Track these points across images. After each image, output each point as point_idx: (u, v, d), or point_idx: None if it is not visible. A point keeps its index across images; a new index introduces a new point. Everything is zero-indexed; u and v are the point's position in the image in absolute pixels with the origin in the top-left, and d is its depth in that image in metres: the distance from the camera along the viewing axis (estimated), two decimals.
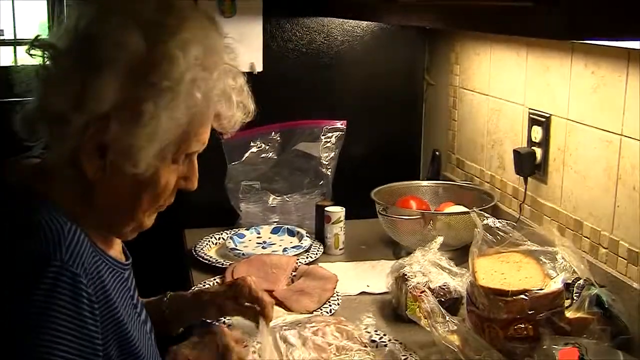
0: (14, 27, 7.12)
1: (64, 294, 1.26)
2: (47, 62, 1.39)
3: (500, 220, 1.93)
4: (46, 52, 1.39)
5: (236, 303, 1.83)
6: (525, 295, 1.78)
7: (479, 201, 2.58)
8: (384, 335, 1.95)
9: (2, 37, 7.24)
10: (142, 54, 1.34)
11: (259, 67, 2.86)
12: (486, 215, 1.95)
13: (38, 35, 1.42)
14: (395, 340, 1.92)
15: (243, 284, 1.83)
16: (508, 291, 1.81)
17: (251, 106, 1.62)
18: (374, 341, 1.92)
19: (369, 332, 1.95)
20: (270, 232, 2.78)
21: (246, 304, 1.85)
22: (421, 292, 1.98)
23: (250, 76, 2.73)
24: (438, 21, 1.94)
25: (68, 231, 1.32)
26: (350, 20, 2.89)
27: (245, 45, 2.82)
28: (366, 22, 2.91)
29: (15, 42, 7.09)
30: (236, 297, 1.83)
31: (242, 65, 2.73)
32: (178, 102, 1.35)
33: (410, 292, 2.03)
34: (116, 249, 1.55)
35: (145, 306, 1.66)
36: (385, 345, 1.90)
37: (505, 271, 1.92)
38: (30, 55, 1.41)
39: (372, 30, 2.94)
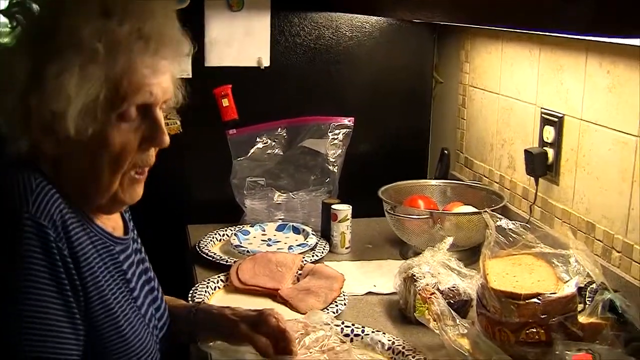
0: None
1: (31, 240, 1.32)
2: None
3: (513, 221, 1.89)
4: None
5: (252, 330, 1.72)
6: (538, 299, 1.74)
7: (488, 201, 2.54)
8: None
9: None
10: (40, 23, 1.41)
11: (266, 62, 2.82)
12: (498, 216, 1.90)
13: None
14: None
15: (271, 314, 1.73)
16: (520, 294, 1.76)
17: (184, 48, 1.53)
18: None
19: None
20: (276, 230, 2.73)
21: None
22: (431, 294, 1.94)
23: (258, 71, 2.79)
24: (451, 16, 1.90)
25: (36, 186, 1.37)
26: (360, 16, 2.84)
27: (252, 39, 2.79)
28: (375, 18, 2.86)
29: None
30: (255, 324, 1.72)
31: (249, 60, 2.77)
32: (80, 58, 1.36)
33: (419, 294, 1.98)
34: (108, 223, 1.58)
35: (172, 312, 1.73)
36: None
37: (517, 274, 1.87)
38: None
39: (381, 26, 2.89)
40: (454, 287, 2.04)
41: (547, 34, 2.22)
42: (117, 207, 1.57)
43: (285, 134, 2.81)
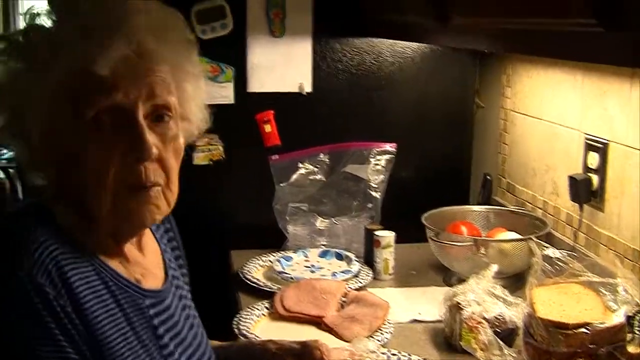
0: None
1: (32, 301, 1.22)
2: None
3: (560, 250, 1.88)
4: None
5: None
6: (587, 329, 1.73)
7: (531, 227, 2.52)
8: None
9: None
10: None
11: (308, 88, 2.84)
12: (545, 244, 1.89)
13: None
14: None
15: (315, 346, 1.70)
16: (568, 324, 1.75)
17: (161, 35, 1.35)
18: None
19: None
20: (318, 256, 2.74)
21: None
22: (477, 323, 1.93)
23: (300, 96, 2.80)
24: (495, 44, 1.90)
25: (33, 241, 1.26)
26: (401, 41, 2.85)
27: (294, 65, 2.81)
28: (417, 44, 2.87)
29: None
30: (300, 358, 1.69)
31: (292, 86, 2.79)
32: (23, 56, 1.31)
33: (465, 322, 1.97)
34: (136, 269, 1.46)
35: (214, 349, 1.63)
36: None
37: (563, 302, 1.86)
38: None
39: (423, 52, 2.90)
40: (500, 315, 2.03)
41: None
42: (129, 228, 1.43)
43: (327, 160, 2.82)
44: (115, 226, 1.38)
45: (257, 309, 2.27)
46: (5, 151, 6.04)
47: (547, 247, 1.87)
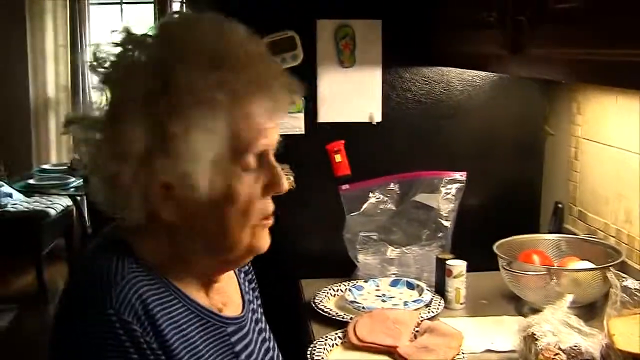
0: None
1: (121, 339, 1.27)
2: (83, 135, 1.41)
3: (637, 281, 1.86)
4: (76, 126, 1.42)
5: None
6: None
7: (604, 256, 2.50)
8: None
9: None
10: (153, 85, 1.34)
11: (378, 118, 2.86)
12: (623, 275, 1.88)
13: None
14: None
15: None
16: None
17: (292, 86, 1.45)
18: None
19: None
20: (389, 285, 2.74)
21: None
22: (555, 355, 1.91)
23: (370, 126, 2.82)
24: (571, 74, 1.89)
25: (122, 277, 1.32)
26: (470, 70, 2.85)
27: (364, 95, 2.83)
28: (485, 72, 2.87)
29: None
30: None
31: (362, 116, 2.80)
32: (203, 112, 1.33)
33: (542, 353, 1.96)
34: (218, 298, 1.53)
35: None
36: None
37: None
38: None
39: (492, 80, 2.90)
40: (576, 346, 2.01)
41: None
42: (249, 257, 1.50)
43: (397, 189, 2.83)
44: (239, 257, 1.47)
45: (331, 339, 2.28)
46: (73, 179, 6.16)
47: (625, 278, 1.86)
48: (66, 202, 6.48)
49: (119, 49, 1.40)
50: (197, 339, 1.40)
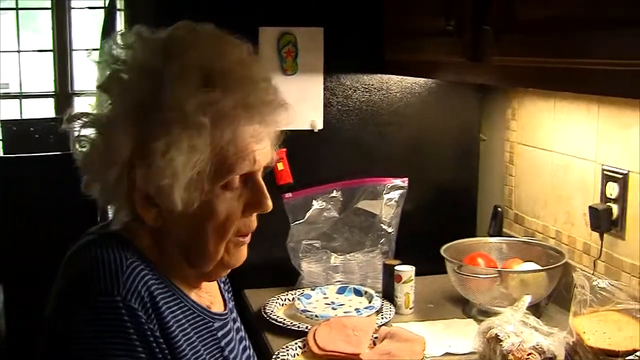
0: (20, 80, 7.14)
1: (126, 324, 1.31)
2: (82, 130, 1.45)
3: (606, 280, 1.91)
4: (79, 121, 1.45)
5: None
6: (637, 355, 1.76)
7: (545, 257, 2.56)
8: None
9: (7, 91, 7.25)
10: (140, 98, 1.38)
11: (319, 125, 2.85)
12: (591, 276, 1.93)
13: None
14: None
15: None
16: (618, 351, 1.79)
17: (284, 109, 1.51)
18: None
19: None
20: (336, 292, 2.73)
21: None
22: (528, 354, 1.94)
23: (311, 134, 2.81)
24: (539, 82, 1.93)
25: (127, 266, 1.36)
26: (409, 77, 2.89)
27: (306, 102, 2.82)
28: (424, 80, 2.91)
29: (20, 96, 7.12)
30: None
31: (303, 123, 2.79)
32: (187, 132, 1.35)
33: (513, 354, 1.99)
34: (206, 297, 1.59)
35: None
36: None
37: (606, 331, 1.90)
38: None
39: (430, 87, 2.94)
40: (537, 345, 2.05)
41: None
42: (223, 271, 1.57)
43: (340, 196, 2.83)
44: (212, 271, 1.51)
45: (291, 348, 2.26)
46: None
47: (595, 278, 1.91)
48: None
49: (129, 52, 1.44)
50: (190, 330, 1.45)
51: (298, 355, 2.26)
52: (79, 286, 1.37)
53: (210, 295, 1.61)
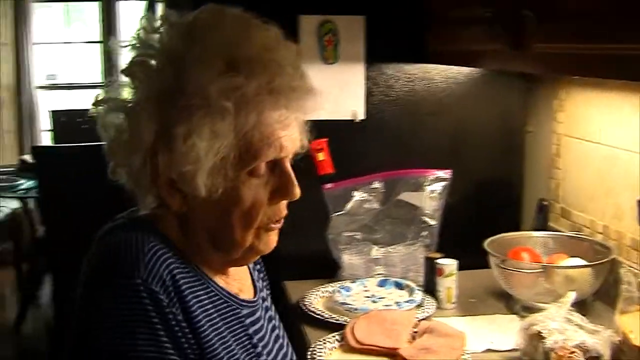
0: (69, 72, 7.22)
1: (148, 307, 1.31)
2: (106, 117, 1.45)
3: None
4: (105, 106, 1.45)
5: None
6: None
7: (592, 253, 2.49)
8: None
9: (56, 82, 7.34)
10: (164, 82, 1.37)
11: (361, 115, 2.81)
12: (638, 272, 1.86)
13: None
14: None
15: None
16: None
17: (313, 95, 1.48)
18: None
19: None
20: (377, 285, 2.69)
21: None
22: (571, 353, 1.88)
23: (353, 124, 2.77)
24: (578, 69, 1.87)
25: (149, 249, 1.36)
26: (454, 67, 2.83)
27: (347, 92, 2.78)
28: (468, 69, 2.84)
29: (69, 86, 7.20)
30: None
31: (345, 113, 2.75)
32: (209, 117, 1.34)
33: (555, 352, 1.93)
34: (234, 284, 1.57)
35: None
36: None
37: None
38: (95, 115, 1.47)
39: (474, 76, 2.87)
40: (582, 343, 1.99)
41: None
42: (252, 257, 1.55)
43: (381, 188, 2.77)
44: (241, 256, 1.50)
45: (329, 342, 2.23)
46: (22, 181, 6.00)
47: None
48: (14, 205, 6.30)
49: (155, 36, 1.43)
50: (216, 316, 1.44)
51: (335, 348, 2.22)
52: (101, 270, 1.38)
53: (238, 282, 1.60)
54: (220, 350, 1.41)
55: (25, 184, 5.92)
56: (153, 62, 1.41)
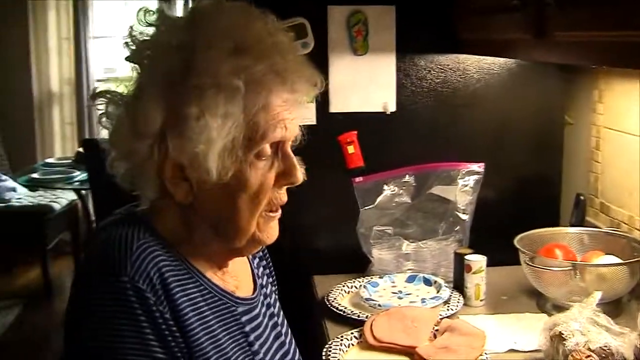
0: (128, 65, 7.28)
1: (133, 305, 1.31)
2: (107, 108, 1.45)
3: None
4: (103, 99, 1.46)
5: None
6: None
7: (629, 250, 2.40)
8: None
9: (114, 75, 7.42)
10: (172, 64, 1.38)
11: (392, 107, 2.75)
12: None
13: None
14: None
15: None
16: None
17: (317, 80, 1.48)
18: None
19: None
20: (406, 281, 2.63)
21: None
22: (587, 357, 1.81)
23: (383, 116, 2.72)
24: (599, 58, 1.79)
25: (137, 247, 1.36)
26: (488, 57, 2.75)
27: (378, 84, 2.73)
28: (504, 59, 2.76)
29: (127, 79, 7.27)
30: None
31: (375, 105, 2.70)
32: (221, 97, 1.35)
33: (572, 355, 1.85)
34: (231, 281, 1.56)
35: None
36: None
37: None
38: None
39: (510, 67, 2.79)
40: (605, 346, 1.91)
41: None
42: (255, 248, 1.54)
43: (412, 181, 2.72)
44: (244, 246, 1.49)
45: (346, 338, 2.19)
46: (77, 173, 6.08)
47: None
48: (71, 196, 6.40)
49: (152, 29, 1.44)
50: (209, 314, 1.44)
51: (353, 345, 2.18)
52: (90, 268, 1.40)
53: (235, 280, 1.58)
54: (210, 349, 1.41)
55: (80, 175, 6.00)
56: (152, 52, 1.43)
